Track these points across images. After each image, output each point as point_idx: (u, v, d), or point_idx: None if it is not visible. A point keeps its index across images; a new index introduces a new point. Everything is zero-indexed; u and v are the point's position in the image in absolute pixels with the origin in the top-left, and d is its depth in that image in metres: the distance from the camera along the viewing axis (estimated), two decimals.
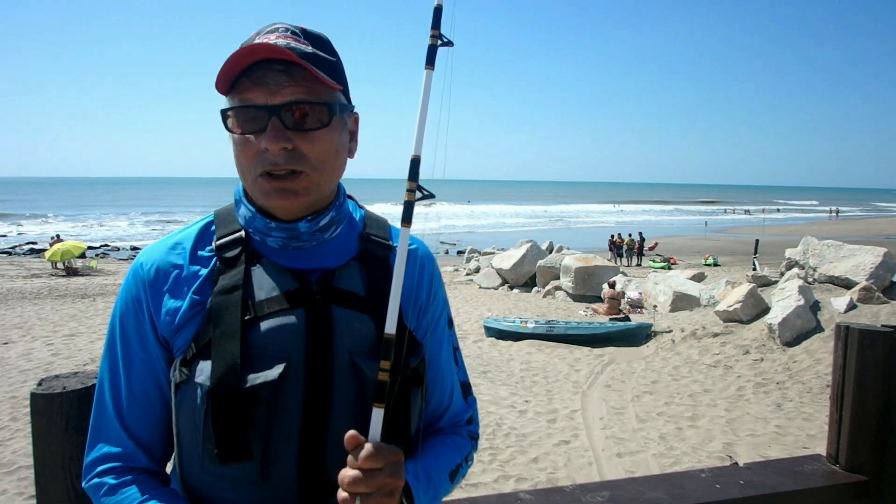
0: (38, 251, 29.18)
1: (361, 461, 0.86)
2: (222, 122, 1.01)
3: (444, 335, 1.17)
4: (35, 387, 1.25)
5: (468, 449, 1.16)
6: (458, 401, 1.19)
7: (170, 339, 1.02)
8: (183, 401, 0.99)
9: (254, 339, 0.98)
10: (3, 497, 4.90)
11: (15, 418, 6.65)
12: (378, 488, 0.86)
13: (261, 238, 1.05)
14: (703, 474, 1.82)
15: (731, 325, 10.54)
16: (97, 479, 1.00)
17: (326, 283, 1.03)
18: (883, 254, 10.55)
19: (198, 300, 1.01)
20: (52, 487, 1.23)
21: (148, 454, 1.03)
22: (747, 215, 70.20)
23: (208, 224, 1.10)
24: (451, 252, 32.84)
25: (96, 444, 1.03)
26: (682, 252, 30.24)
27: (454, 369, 1.19)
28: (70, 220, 52.99)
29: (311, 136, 0.98)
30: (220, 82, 0.97)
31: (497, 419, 7.04)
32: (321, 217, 1.05)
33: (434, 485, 1.04)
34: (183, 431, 1.00)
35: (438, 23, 0.96)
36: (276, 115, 0.96)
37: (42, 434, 1.23)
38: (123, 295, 1.05)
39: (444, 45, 0.96)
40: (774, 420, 7.14)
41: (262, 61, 0.96)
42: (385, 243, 1.12)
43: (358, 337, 1.02)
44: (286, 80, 0.96)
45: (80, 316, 13.00)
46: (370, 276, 1.07)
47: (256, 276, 1.03)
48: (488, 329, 12.27)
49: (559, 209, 78.93)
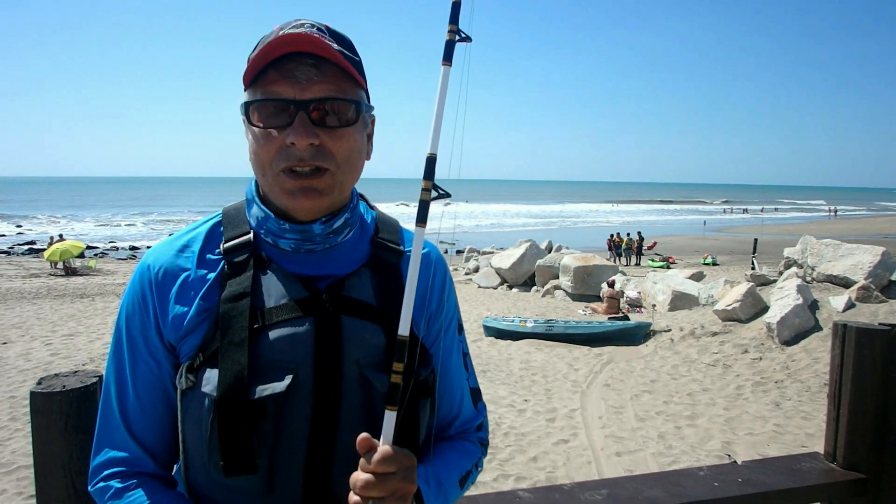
0: (37, 251, 29.15)
1: (374, 464, 0.84)
2: (243, 115, 0.98)
3: (455, 341, 1.15)
4: (35, 385, 1.25)
5: (478, 455, 1.15)
6: (469, 408, 1.17)
7: (176, 345, 1.00)
8: (189, 408, 0.97)
9: (262, 348, 0.96)
10: (2, 497, 4.90)
11: (14, 418, 6.64)
12: (391, 492, 0.85)
13: (272, 240, 1.03)
14: (702, 472, 1.83)
15: (730, 324, 10.55)
16: (103, 482, 0.99)
17: (336, 292, 1.00)
18: (881, 253, 10.57)
19: (205, 306, 0.99)
20: (52, 486, 1.23)
21: (154, 458, 1.02)
22: (745, 214, 70.25)
23: (217, 224, 1.07)
24: (450, 251, 32.82)
25: (102, 448, 1.01)
26: (680, 251, 30.27)
27: (464, 376, 1.17)
28: (69, 219, 52.94)
29: (338, 133, 0.97)
30: (248, 72, 0.95)
31: (496, 418, 7.04)
32: (336, 219, 1.03)
33: (444, 491, 1.02)
34: (188, 439, 0.98)
35: (457, 18, 0.94)
36: (304, 111, 0.94)
37: (42, 433, 1.23)
38: (129, 296, 1.03)
39: (462, 40, 0.94)
40: (773, 419, 7.15)
41: (291, 54, 0.94)
42: (396, 248, 1.10)
43: (368, 348, 1.00)
44: (316, 75, 0.94)
45: (79, 316, 12.98)
46: (381, 284, 1.04)
47: (265, 282, 1.00)
48: (487, 328, 12.27)
49: (558, 208, 78.95)
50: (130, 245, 34.65)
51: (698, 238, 39.32)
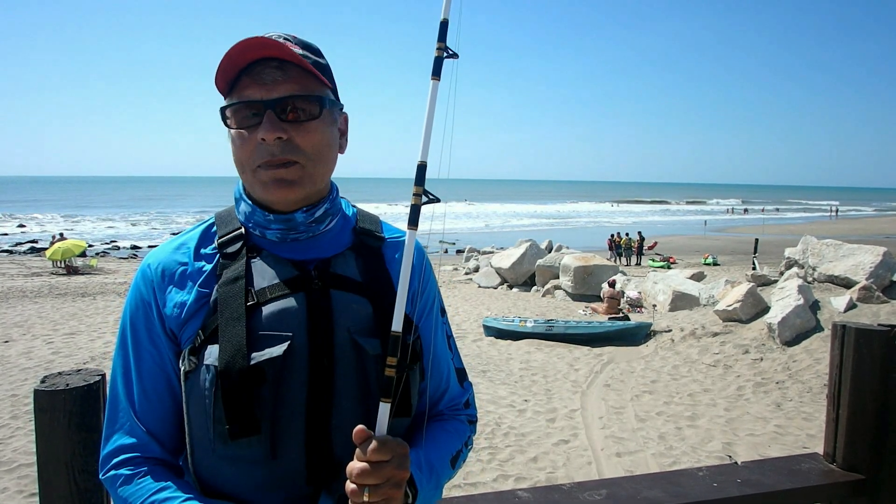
0: (39, 250, 29.19)
1: (370, 454, 0.90)
2: (222, 121, 1.07)
3: (438, 321, 1.22)
4: (38, 384, 1.26)
5: (468, 433, 1.21)
6: (455, 385, 1.24)
7: (178, 332, 1.06)
8: (193, 388, 1.02)
9: (258, 322, 1.03)
10: (4, 495, 4.91)
11: (15, 416, 6.66)
12: (386, 479, 0.91)
13: (260, 232, 1.11)
14: (701, 473, 1.83)
15: (731, 324, 10.54)
16: (113, 470, 1.04)
17: (324, 270, 1.09)
18: (882, 253, 10.55)
19: (204, 293, 1.06)
20: (55, 483, 1.24)
21: (161, 445, 1.07)
22: (746, 215, 70.18)
23: (210, 226, 1.16)
24: (450, 251, 32.83)
25: (111, 436, 1.07)
26: (681, 251, 30.25)
27: (449, 355, 1.24)
28: (71, 218, 53.00)
29: (304, 127, 1.05)
30: (219, 80, 1.04)
31: (496, 418, 7.05)
32: (317, 209, 1.11)
33: (437, 472, 1.08)
34: (193, 418, 1.03)
35: (444, 35, 1.02)
36: (271, 108, 1.02)
37: (45, 430, 1.24)
38: (133, 295, 1.10)
39: (449, 56, 1.03)
40: (774, 420, 7.15)
41: (259, 60, 1.03)
42: (378, 235, 1.18)
43: (356, 317, 1.07)
44: (281, 76, 1.03)
45: (81, 314, 13.00)
46: (365, 264, 1.13)
47: (257, 266, 1.08)
48: (487, 328, 12.27)
49: (558, 208, 78.93)
50: (132, 244, 34.68)
51: (699, 238, 39.30)
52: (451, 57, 1.03)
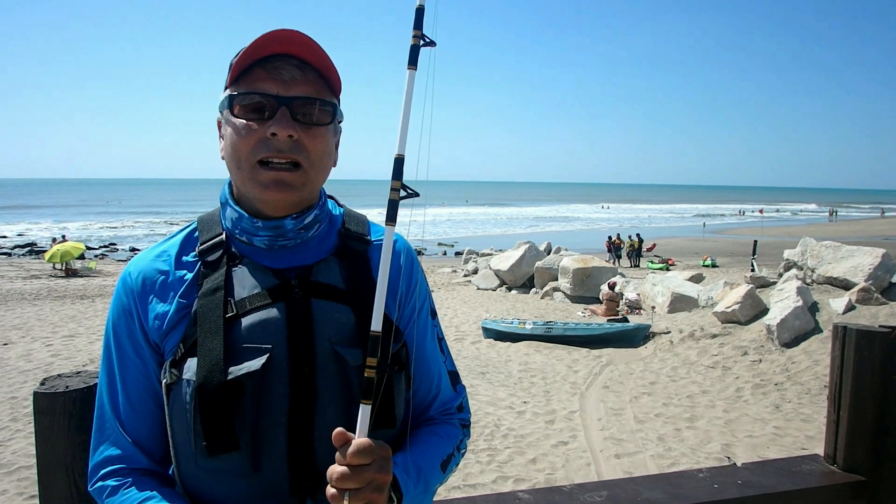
0: (38, 252, 29.16)
1: (349, 457, 0.88)
2: (226, 108, 1.04)
3: (428, 324, 1.19)
4: (38, 386, 1.26)
5: (460, 437, 1.18)
6: (447, 388, 1.21)
7: (160, 343, 1.05)
8: (175, 401, 1.01)
9: (237, 334, 1.01)
10: (4, 497, 4.90)
11: (15, 419, 6.65)
12: (366, 483, 0.88)
13: (247, 238, 1.08)
14: (701, 474, 1.83)
15: (730, 326, 10.55)
16: (101, 482, 1.04)
17: (305, 278, 1.06)
18: (881, 255, 10.55)
19: (184, 304, 1.04)
20: (55, 486, 1.24)
21: (148, 455, 1.06)
22: (743, 217, 70.20)
23: (192, 231, 1.13)
24: (448, 253, 32.82)
25: (98, 448, 1.06)
26: (680, 253, 30.26)
27: (440, 358, 1.21)
28: (69, 221, 52.87)
29: (314, 131, 1.03)
30: (236, 66, 1.02)
31: (495, 420, 7.04)
32: (306, 215, 1.08)
33: (425, 477, 1.05)
34: (176, 431, 1.02)
35: (421, 23, 0.98)
36: (286, 106, 1.01)
37: (45, 433, 1.24)
38: (115, 304, 1.09)
39: (426, 45, 0.98)
40: (773, 421, 7.15)
41: (278, 55, 1.01)
42: (364, 238, 1.15)
43: (338, 327, 1.04)
44: (300, 76, 1.02)
45: (80, 317, 12.99)
46: (349, 270, 1.10)
47: (238, 276, 1.06)
48: (486, 330, 12.27)
49: (557, 210, 78.93)
50: (131, 247, 34.62)
51: (698, 240, 39.32)
52: (428, 45, 0.98)
